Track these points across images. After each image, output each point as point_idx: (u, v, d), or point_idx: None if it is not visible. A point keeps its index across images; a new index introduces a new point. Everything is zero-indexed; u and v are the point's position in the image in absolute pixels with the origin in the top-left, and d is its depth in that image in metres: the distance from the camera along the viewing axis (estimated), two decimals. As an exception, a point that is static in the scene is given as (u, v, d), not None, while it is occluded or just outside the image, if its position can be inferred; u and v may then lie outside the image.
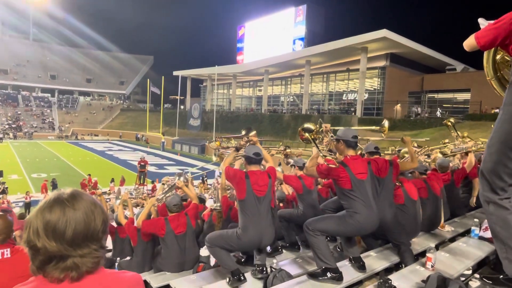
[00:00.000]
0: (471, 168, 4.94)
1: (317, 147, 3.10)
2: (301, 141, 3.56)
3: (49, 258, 0.90)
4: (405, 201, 3.60)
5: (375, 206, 2.89)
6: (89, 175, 20.22)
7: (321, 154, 2.95)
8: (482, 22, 1.76)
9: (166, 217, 3.82)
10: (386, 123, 3.66)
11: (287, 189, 5.24)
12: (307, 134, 3.36)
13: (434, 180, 4.20)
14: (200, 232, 4.57)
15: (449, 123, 5.99)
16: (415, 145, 5.90)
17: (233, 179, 3.07)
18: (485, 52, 1.80)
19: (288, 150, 5.57)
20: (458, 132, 5.96)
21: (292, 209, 4.42)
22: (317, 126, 3.50)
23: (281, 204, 4.93)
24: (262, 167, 3.35)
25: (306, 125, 3.47)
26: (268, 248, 3.66)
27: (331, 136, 3.41)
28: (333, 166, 2.84)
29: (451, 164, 5.50)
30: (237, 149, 3.62)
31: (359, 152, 3.73)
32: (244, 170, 3.16)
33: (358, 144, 3.10)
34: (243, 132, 3.80)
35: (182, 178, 4.22)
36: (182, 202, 3.99)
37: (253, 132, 3.83)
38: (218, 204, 4.53)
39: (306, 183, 4.13)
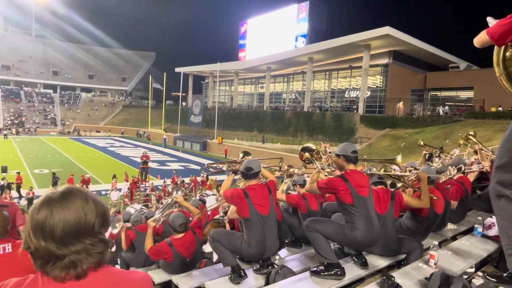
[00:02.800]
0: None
1: (317, 164, 3.07)
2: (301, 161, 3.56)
3: (46, 260, 0.89)
4: (429, 214, 3.55)
5: (376, 225, 2.84)
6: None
7: (320, 168, 2.88)
8: (491, 21, 1.76)
9: (171, 243, 3.52)
10: (399, 157, 3.63)
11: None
12: (307, 154, 3.35)
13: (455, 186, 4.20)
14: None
15: (470, 137, 5.68)
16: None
17: (232, 200, 3.04)
18: (495, 49, 1.79)
19: (291, 170, 5.43)
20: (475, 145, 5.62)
21: (295, 217, 4.33)
22: (317, 146, 3.51)
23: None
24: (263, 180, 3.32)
25: (306, 145, 3.47)
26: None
27: (330, 153, 3.39)
28: (332, 177, 2.81)
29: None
30: (235, 173, 3.56)
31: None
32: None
33: (358, 158, 3.04)
34: (241, 156, 3.77)
35: (180, 192, 3.93)
36: (187, 220, 3.68)
37: (250, 157, 3.82)
38: (221, 215, 4.39)
39: (310, 204, 4.04)
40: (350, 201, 2.76)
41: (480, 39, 1.74)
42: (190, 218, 4.37)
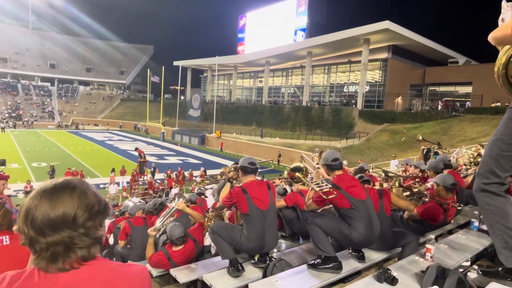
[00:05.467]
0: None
1: (308, 182, 3.08)
2: (290, 179, 3.58)
3: (34, 250, 0.90)
4: (441, 223, 3.60)
5: (377, 228, 2.83)
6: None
7: (314, 186, 2.86)
8: (506, 7, 1.53)
9: (170, 256, 3.44)
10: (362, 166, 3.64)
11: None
12: (297, 174, 3.37)
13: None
14: None
15: None
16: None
17: (231, 199, 3.03)
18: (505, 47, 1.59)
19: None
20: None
21: (294, 212, 4.34)
22: (303, 164, 3.55)
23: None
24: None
25: (294, 166, 3.49)
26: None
27: (318, 168, 3.41)
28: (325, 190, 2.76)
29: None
30: (230, 181, 3.56)
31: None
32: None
33: (342, 164, 3.04)
34: (232, 168, 3.79)
35: (182, 199, 3.87)
36: (185, 231, 3.57)
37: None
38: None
39: None
40: (347, 205, 2.76)
41: (502, 35, 1.47)
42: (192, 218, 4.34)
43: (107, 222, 5.44)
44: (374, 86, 36.93)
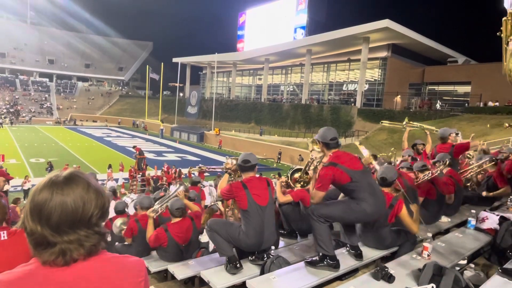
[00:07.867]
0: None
1: (307, 170, 3.10)
2: (296, 182, 3.73)
3: (38, 243, 0.88)
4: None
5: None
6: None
7: (312, 167, 2.86)
8: None
9: (167, 228, 3.57)
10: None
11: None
12: (296, 174, 3.40)
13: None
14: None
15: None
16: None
17: (230, 192, 3.03)
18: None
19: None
20: None
21: (293, 209, 4.24)
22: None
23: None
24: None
25: (293, 170, 3.67)
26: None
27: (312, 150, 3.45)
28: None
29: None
30: (229, 173, 3.61)
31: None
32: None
33: (339, 143, 2.98)
34: (234, 162, 3.85)
35: (182, 188, 4.03)
36: (185, 206, 3.80)
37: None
38: (214, 200, 4.44)
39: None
40: (347, 178, 2.71)
41: None
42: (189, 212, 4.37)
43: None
44: (373, 84, 36.91)
